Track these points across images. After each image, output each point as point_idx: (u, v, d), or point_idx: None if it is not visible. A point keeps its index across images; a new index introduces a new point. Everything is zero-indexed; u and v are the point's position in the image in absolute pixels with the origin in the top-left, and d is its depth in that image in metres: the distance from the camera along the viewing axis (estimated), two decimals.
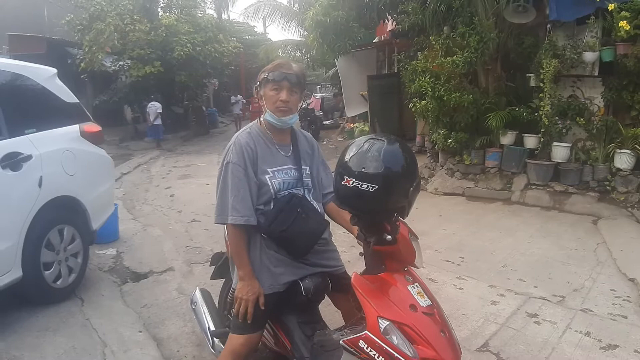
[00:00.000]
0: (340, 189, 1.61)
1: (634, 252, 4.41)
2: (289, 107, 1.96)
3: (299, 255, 2.01)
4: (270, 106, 1.96)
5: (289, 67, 1.97)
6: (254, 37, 26.25)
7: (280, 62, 2.03)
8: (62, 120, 3.87)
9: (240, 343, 1.99)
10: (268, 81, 1.95)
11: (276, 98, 1.94)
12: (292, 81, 1.94)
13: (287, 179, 2.02)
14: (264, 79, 1.96)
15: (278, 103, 1.94)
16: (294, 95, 1.97)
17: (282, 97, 1.93)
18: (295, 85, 1.95)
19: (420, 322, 1.57)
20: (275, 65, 1.97)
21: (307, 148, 2.17)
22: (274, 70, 1.95)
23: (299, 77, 1.97)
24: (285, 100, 1.94)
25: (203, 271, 4.13)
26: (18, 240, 3.13)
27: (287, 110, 1.96)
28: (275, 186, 1.98)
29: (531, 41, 6.67)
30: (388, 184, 1.53)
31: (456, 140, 7.01)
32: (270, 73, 1.94)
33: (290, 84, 1.94)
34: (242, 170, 1.93)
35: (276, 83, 1.93)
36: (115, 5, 13.29)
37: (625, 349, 2.87)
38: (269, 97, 1.96)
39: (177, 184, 8.63)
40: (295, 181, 2.04)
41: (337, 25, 8.67)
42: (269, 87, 1.95)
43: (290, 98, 1.95)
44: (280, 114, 1.96)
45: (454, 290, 3.77)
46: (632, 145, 5.66)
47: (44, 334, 3.07)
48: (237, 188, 1.91)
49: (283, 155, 2.06)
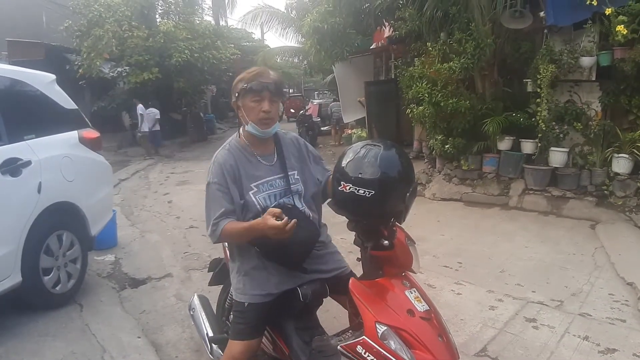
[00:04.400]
0: (337, 194, 1.62)
1: (632, 256, 4.42)
2: (271, 117, 1.91)
3: (294, 266, 1.97)
4: (252, 118, 1.90)
5: (267, 76, 1.91)
6: (252, 44, 26.34)
7: (257, 70, 1.95)
8: (60, 127, 3.89)
9: (239, 349, 1.98)
10: (247, 92, 1.88)
11: (258, 109, 1.88)
12: (272, 90, 1.89)
13: (273, 191, 1.96)
14: (243, 89, 1.89)
15: (261, 115, 1.89)
16: (274, 105, 1.92)
17: (265, 107, 1.88)
18: (275, 94, 1.91)
19: (418, 327, 1.57)
20: (253, 75, 1.90)
21: (293, 150, 2.09)
22: (252, 80, 1.88)
23: (277, 85, 1.92)
24: (267, 111, 1.88)
25: (201, 277, 4.14)
26: (17, 245, 3.14)
27: (270, 121, 1.92)
28: (261, 202, 1.93)
29: (528, 46, 6.70)
30: (385, 189, 1.54)
31: (453, 146, 7.03)
32: (250, 83, 1.87)
33: (271, 94, 1.89)
34: (222, 188, 1.89)
35: (256, 94, 1.87)
36: (113, 11, 13.33)
37: (623, 353, 2.87)
38: (250, 109, 1.90)
39: (175, 190, 8.64)
40: (283, 191, 1.98)
41: (335, 31, 8.71)
42: (249, 98, 1.89)
43: (272, 108, 1.90)
44: (264, 126, 1.91)
45: (452, 296, 3.77)
46: (630, 150, 5.67)
47: (44, 339, 3.07)
48: (218, 205, 1.88)
49: (267, 165, 2.00)
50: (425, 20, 7.11)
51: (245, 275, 2.00)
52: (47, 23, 16.07)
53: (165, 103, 15.76)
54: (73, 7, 13.47)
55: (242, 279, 2.01)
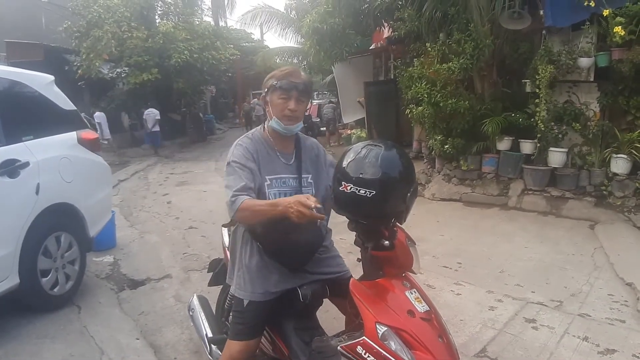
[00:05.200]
0: (338, 194, 1.62)
1: (632, 256, 4.42)
2: (296, 115, 1.94)
3: (294, 268, 1.98)
4: (277, 113, 1.94)
5: (298, 75, 1.96)
6: (251, 44, 26.37)
7: (289, 70, 2.00)
8: (59, 128, 3.88)
9: (238, 350, 1.98)
10: (276, 89, 1.93)
11: (284, 106, 1.92)
12: (301, 90, 1.93)
13: (284, 189, 1.98)
14: (272, 86, 1.94)
15: (286, 111, 1.92)
16: (301, 105, 1.95)
17: (291, 106, 1.92)
18: (303, 94, 1.94)
19: (418, 328, 1.57)
20: (284, 74, 1.95)
21: (312, 155, 2.12)
22: (283, 78, 1.92)
23: (306, 85, 1.96)
24: (294, 110, 1.92)
25: (200, 278, 4.13)
26: (15, 247, 3.12)
27: (294, 119, 1.95)
28: (271, 197, 1.93)
29: (527, 47, 6.71)
30: (385, 190, 1.54)
31: (453, 146, 7.03)
32: (279, 81, 1.92)
33: (299, 93, 1.93)
34: (243, 167, 1.89)
35: (285, 92, 1.91)
36: (112, 12, 13.33)
37: (623, 354, 2.87)
38: (277, 105, 1.94)
39: (174, 191, 8.63)
40: (293, 191, 1.98)
41: (334, 32, 8.72)
42: (276, 94, 1.93)
43: (298, 107, 1.94)
44: (288, 122, 1.94)
45: (452, 296, 3.77)
46: (628, 150, 5.68)
47: (42, 341, 3.06)
48: (238, 179, 1.85)
49: (284, 163, 2.02)
50: (424, 20, 7.12)
51: (246, 271, 2.00)
52: (46, 24, 16.06)
53: (164, 104, 15.77)
54: (72, 8, 13.47)
55: (243, 274, 2.01)
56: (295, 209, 1.62)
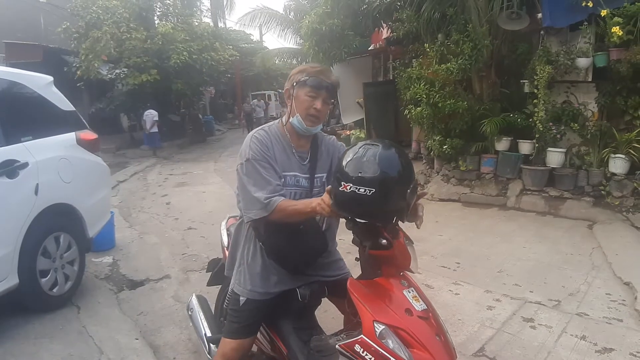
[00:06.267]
0: (338, 194, 1.62)
1: (629, 256, 4.43)
2: (320, 116, 1.88)
3: (296, 272, 1.96)
4: (301, 111, 1.87)
5: (329, 75, 1.89)
6: (250, 45, 26.38)
7: (321, 68, 1.93)
8: (58, 128, 3.89)
9: (232, 347, 1.98)
10: (305, 85, 1.85)
11: (310, 105, 1.85)
12: (330, 91, 1.88)
13: (297, 189, 1.92)
14: (302, 82, 1.86)
15: (311, 110, 1.86)
16: (326, 106, 1.90)
17: (317, 106, 1.85)
18: (331, 95, 1.89)
19: (416, 326, 1.57)
20: (316, 71, 1.87)
21: (330, 153, 2.04)
22: (314, 75, 1.85)
23: (335, 88, 1.90)
24: (319, 110, 1.86)
25: (199, 278, 4.14)
26: (14, 247, 3.13)
27: (317, 120, 1.89)
28: (285, 196, 1.85)
29: (525, 48, 6.74)
30: (385, 188, 1.54)
31: (451, 147, 7.04)
32: (310, 78, 1.85)
33: (327, 94, 1.87)
34: (264, 163, 1.82)
35: (314, 90, 1.84)
36: (111, 13, 13.33)
37: (620, 352, 2.88)
38: (302, 102, 1.86)
39: (173, 192, 8.62)
40: (304, 192, 1.93)
41: (333, 33, 8.72)
42: (304, 91, 1.86)
43: (323, 108, 1.88)
44: (310, 123, 1.88)
45: (450, 296, 3.78)
46: (626, 150, 5.70)
47: (41, 341, 3.06)
48: (263, 180, 1.79)
49: (299, 162, 1.95)
50: (422, 21, 7.14)
51: (246, 269, 2.00)
52: (45, 25, 16.06)
53: (163, 105, 15.76)
54: (71, 9, 13.46)
55: (243, 271, 2.01)
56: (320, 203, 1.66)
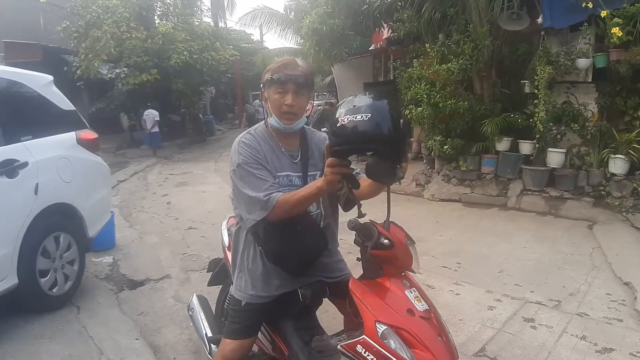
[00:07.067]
0: (337, 130, 1.57)
1: (629, 256, 4.43)
2: (294, 111, 1.79)
3: (296, 273, 1.94)
4: (275, 110, 1.80)
5: (295, 66, 1.78)
6: (251, 45, 26.36)
7: (285, 61, 1.82)
8: (58, 128, 3.88)
9: (232, 348, 1.96)
10: (272, 82, 1.77)
11: (281, 102, 1.77)
12: (299, 83, 1.76)
13: (290, 189, 1.83)
14: (268, 80, 1.78)
15: (283, 107, 1.77)
16: (300, 98, 1.79)
17: (287, 101, 1.76)
18: (302, 86, 1.77)
19: (418, 327, 1.57)
20: (279, 65, 1.78)
21: (322, 151, 1.91)
22: (278, 71, 1.76)
23: (306, 77, 1.78)
24: (291, 105, 1.77)
25: (200, 278, 4.13)
26: (14, 247, 3.12)
27: (293, 116, 1.80)
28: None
29: (525, 48, 6.74)
30: (379, 112, 1.53)
31: (452, 147, 7.04)
32: (275, 74, 1.76)
33: (297, 86, 1.76)
34: (256, 165, 1.77)
35: (281, 85, 1.75)
36: (111, 12, 13.31)
37: (621, 352, 2.88)
38: (274, 101, 1.79)
39: (173, 192, 8.62)
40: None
41: (333, 33, 8.72)
42: (273, 89, 1.78)
43: (297, 101, 1.78)
44: (286, 121, 1.80)
45: (451, 296, 3.77)
46: (626, 151, 5.70)
47: (40, 341, 3.05)
48: (259, 181, 1.74)
49: (290, 161, 1.89)
50: (423, 21, 7.14)
51: (247, 274, 1.98)
52: (45, 24, 16.05)
53: (164, 104, 15.75)
54: (71, 9, 13.44)
55: (243, 277, 1.99)
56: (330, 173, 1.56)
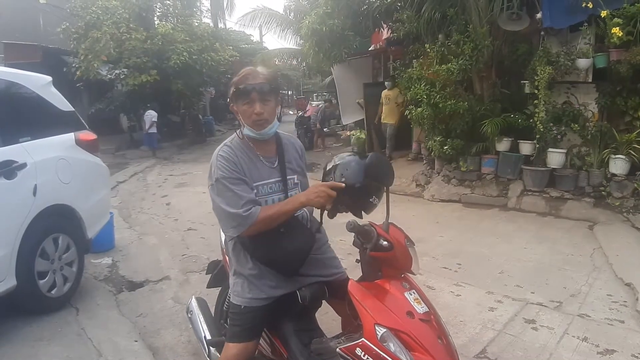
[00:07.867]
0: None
1: (630, 257, 4.42)
2: (264, 118, 1.85)
3: (289, 274, 1.96)
4: (246, 120, 1.86)
5: (256, 76, 1.84)
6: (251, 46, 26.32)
7: (246, 71, 1.88)
8: (57, 129, 3.87)
9: (235, 352, 1.96)
10: (238, 94, 1.83)
11: (250, 112, 1.83)
12: (263, 91, 1.82)
13: (271, 195, 1.93)
14: (234, 93, 1.85)
15: (253, 117, 1.83)
16: (268, 105, 1.85)
17: (256, 109, 1.82)
18: (267, 94, 1.83)
19: (418, 329, 1.56)
20: (241, 77, 1.84)
21: (295, 154, 2.06)
22: (241, 82, 1.82)
23: (269, 83, 1.85)
24: (259, 112, 1.82)
25: (199, 280, 4.12)
26: (12, 249, 3.11)
27: (264, 122, 1.86)
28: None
29: (525, 48, 6.72)
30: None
31: (452, 147, 7.03)
32: (239, 86, 1.82)
33: (261, 94, 1.82)
34: (234, 180, 1.82)
35: (246, 96, 1.82)
36: (111, 13, 13.30)
37: (622, 354, 2.87)
38: (243, 112, 1.85)
39: (173, 193, 8.60)
40: (281, 194, 1.94)
41: (333, 33, 8.72)
42: (240, 101, 1.84)
43: (265, 108, 1.84)
44: (259, 127, 1.86)
45: (451, 297, 3.76)
46: (627, 151, 5.68)
47: (39, 343, 3.04)
48: (236, 197, 1.79)
49: (268, 167, 1.95)
50: (423, 22, 7.13)
51: (242, 279, 1.98)
52: (44, 25, 16.05)
53: (163, 105, 15.74)
54: (70, 10, 13.45)
55: (240, 282, 1.99)
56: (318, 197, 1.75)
